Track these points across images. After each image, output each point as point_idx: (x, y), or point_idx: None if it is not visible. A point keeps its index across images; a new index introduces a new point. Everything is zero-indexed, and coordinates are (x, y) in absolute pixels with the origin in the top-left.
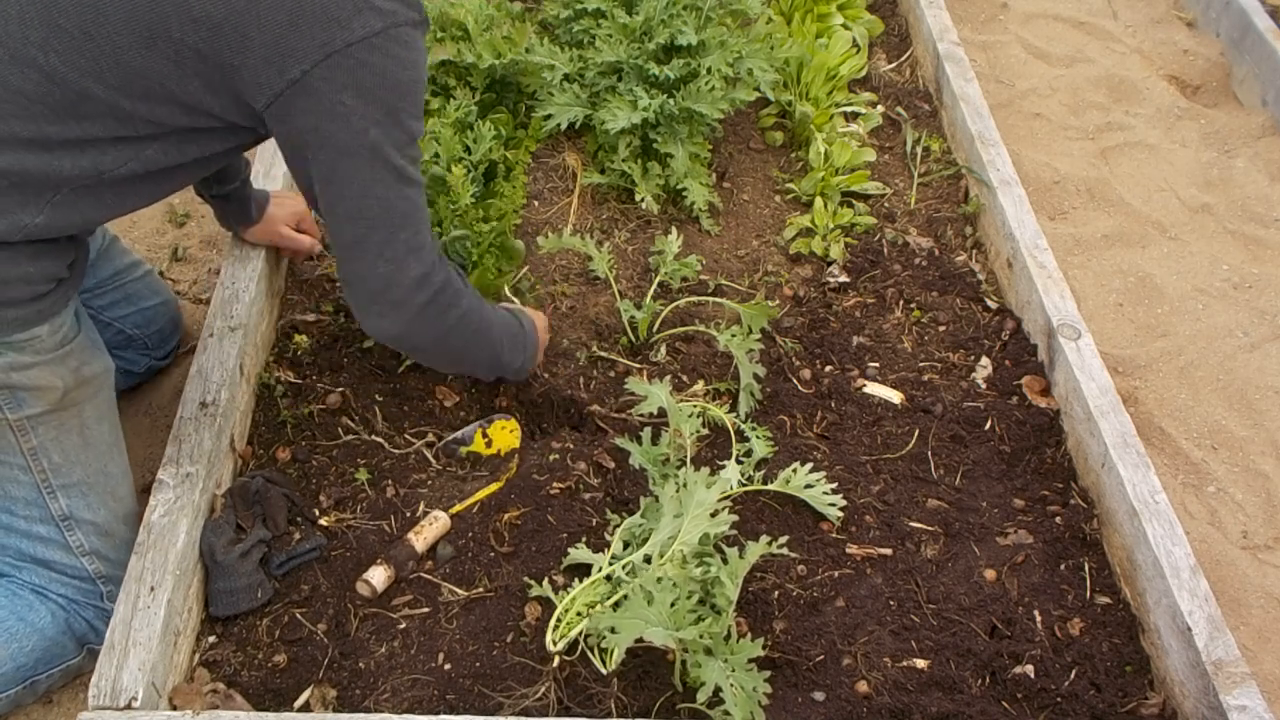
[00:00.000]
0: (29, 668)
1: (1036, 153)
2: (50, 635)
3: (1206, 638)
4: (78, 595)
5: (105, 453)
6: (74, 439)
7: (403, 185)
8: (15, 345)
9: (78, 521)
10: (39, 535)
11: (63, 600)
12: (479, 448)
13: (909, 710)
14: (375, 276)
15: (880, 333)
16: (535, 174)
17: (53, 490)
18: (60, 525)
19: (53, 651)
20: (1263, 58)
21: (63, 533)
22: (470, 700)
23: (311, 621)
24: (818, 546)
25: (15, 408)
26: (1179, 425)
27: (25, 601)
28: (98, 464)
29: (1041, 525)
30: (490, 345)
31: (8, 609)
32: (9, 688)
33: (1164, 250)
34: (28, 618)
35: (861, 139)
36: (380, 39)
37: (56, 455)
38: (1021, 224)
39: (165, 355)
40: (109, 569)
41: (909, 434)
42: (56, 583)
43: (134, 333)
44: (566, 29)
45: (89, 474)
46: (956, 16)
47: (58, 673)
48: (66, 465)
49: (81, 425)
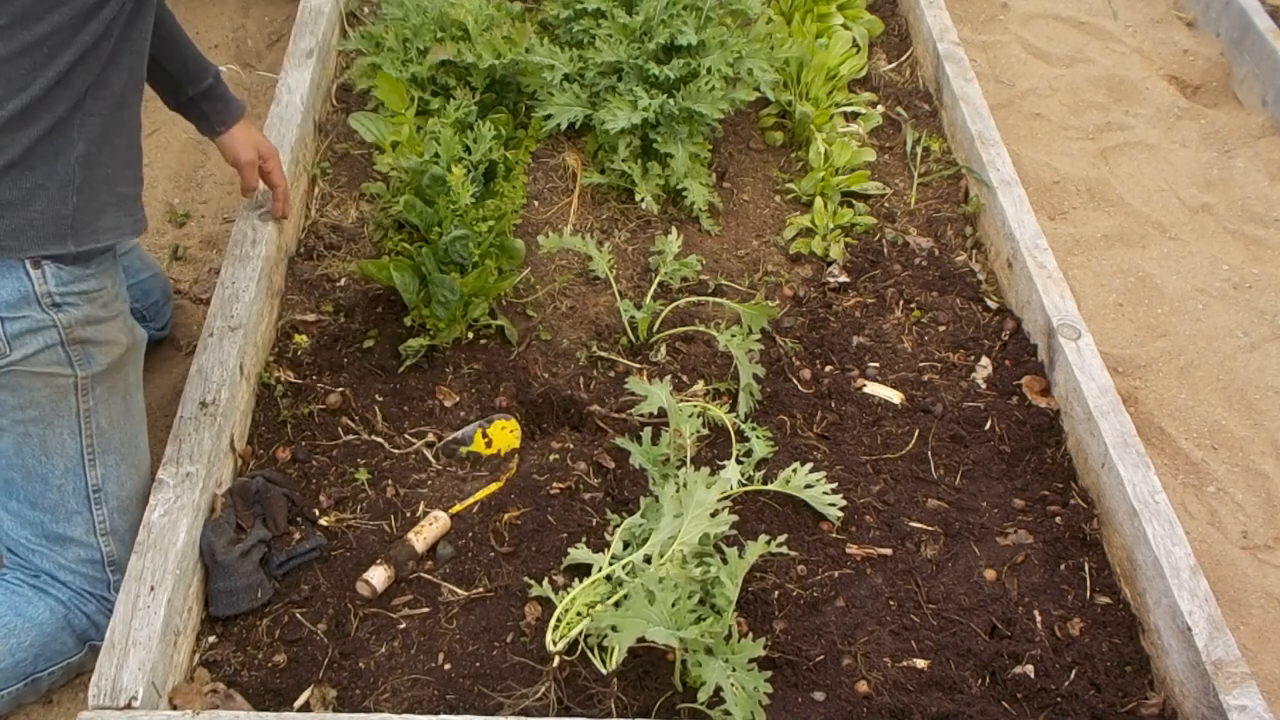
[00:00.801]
0: (28, 663)
1: (1036, 153)
2: (49, 630)
3: (1206, 638)
4: (84, 585)
5: (139, 423)
6: (119, 404)
7: None
8: (89, 296)
9: (106, 495)
10: (69, 508)
11: (65, 594)
12: (479, 448)
13: (909, 710)
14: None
15: (880, 333)
16: (535, 174)
17: (94, 456)
18: (91, 497)
19: (52, 647)
20: (1263, 58)
21: (90, 506)
22: (470, 700)
23: (311, 621)
24: (818, 546)
25: (86, 364)
26: (1179, 425)
27: (24, 597)
28: (132, 432)
29: (1041, 525)
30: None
31: (5, 604)
32: (9, 684)
33: (1164, 250)
34: (25, 612)
35: (861, 139)
36: None
37: (104, 419)
38: (1021, 224)
39: (163, 326)
40: (121, 554)
41: (909, 434)
42: (66, 570)
43: (134, 306)
44: (566, 29)
45: (124, 443)
46: (956, 16)
47: (59, 670)
48: (111, 430)
49: (126, 391)
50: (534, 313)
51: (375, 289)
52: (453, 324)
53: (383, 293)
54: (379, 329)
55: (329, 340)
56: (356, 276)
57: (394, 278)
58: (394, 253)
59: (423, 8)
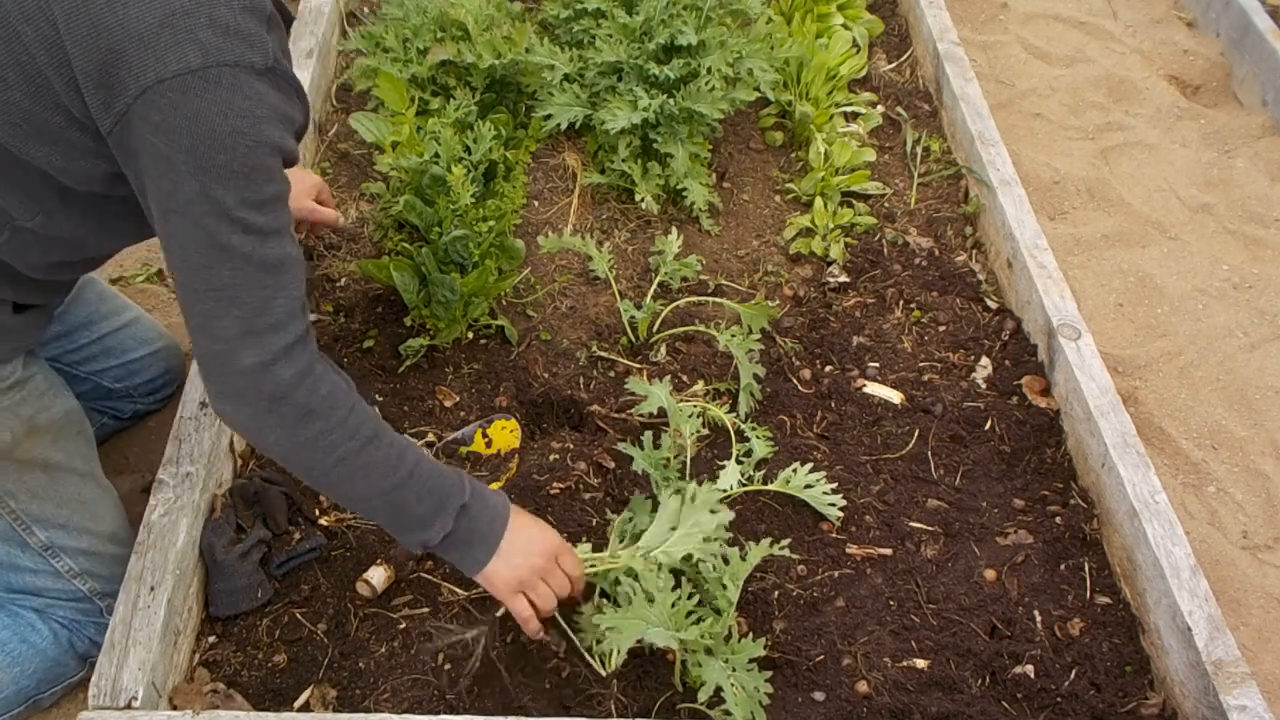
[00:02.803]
0: (31, 689)
1: (1036, 153)
2: (52, 656)
3: (1206, 638)
4: (78, 615)
5: (78, 483)
6: (38, 477)
7: (230, 256)
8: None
9: (61, 549)
10: (25, 567)
11: (64, 620)
12: (479, 448)
13: (909, 710)
14: (207, 355)
15: (880, 333)
16: (535, 174)
17: (27, 527)
18: (44, 555)
19: (55, 672)
20: (1263, 58)
21: (48, 561)
22: (470, 700)
23: (311, 621)
24: (818, 546)
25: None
26: (1179, 425)
27: (26, 622)
28: (71, 494)
29: (1041, 525)
30: (381, 486)
31: (10, 629)
32: (10, 709)
33: (1164, 250)
34: (30, 639)
35: (861, 139)
36: (196, 79)
37: (23, 495)
38: (1021, 224)
39: (159, 402)
40: (104, 585)
41: (909, 434)
42: (54, 607)
43: (115, 386)
44: (566, 29)
45: (62, 506)
46: (956, 16)
47: (60, 689)
48: (36, 502)
49: (45, 464)
50: (534, 313)
51: (375, 289)
52: (453, 324)
53: (383, 292)
54: (379, 329)
55: (329, 340)
56: (356, 276)
57: (394, 278)
58: (394, 253)
59: (423, 8)
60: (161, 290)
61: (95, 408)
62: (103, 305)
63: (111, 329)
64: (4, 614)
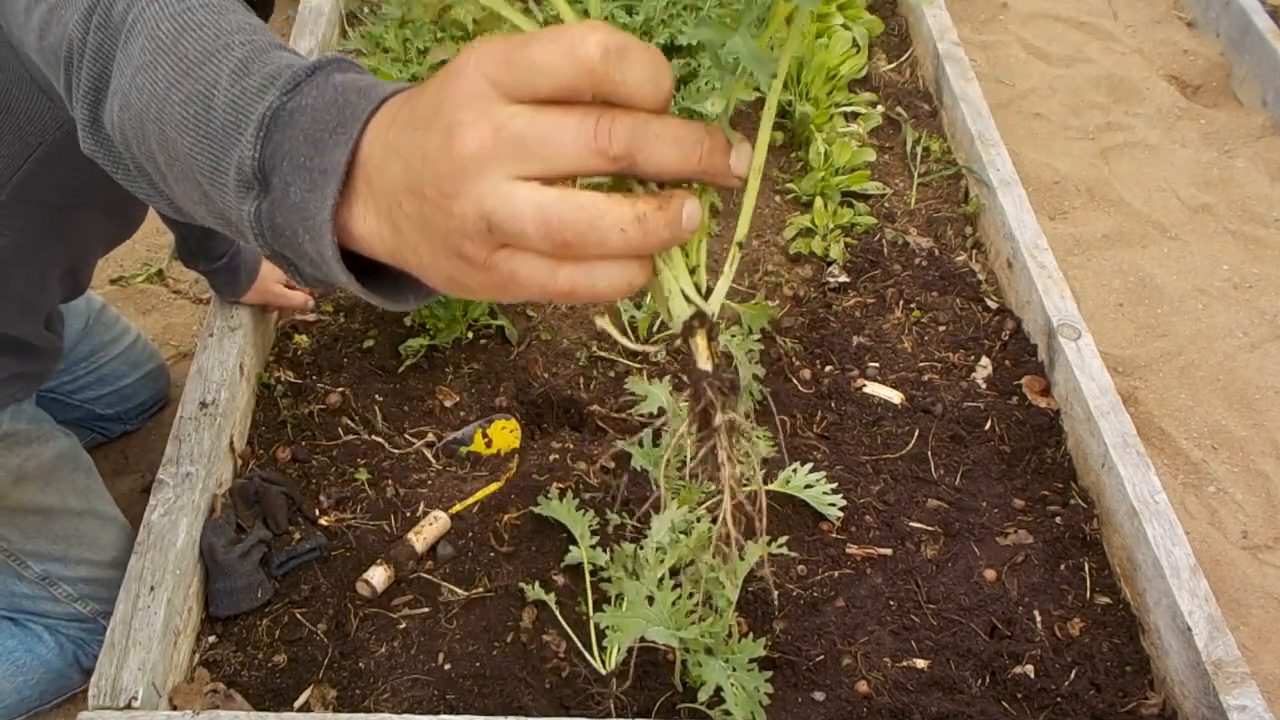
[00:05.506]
0: (34, 699)
1: (1036, 153)
2: (57, 668)
3: (1206, 638)
4: (81, 633)
5: (74, 520)
6: (31, 520)
7: None
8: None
9: (59, 578)
10: (23, 593)
11: (70, 635)
12: (479, 448)
13: (909, 710)
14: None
15: (880, 333)
16: None
17: (21, 561)
18: (40, 584)
19: (58, 683)
20: (1263, 58)
21: (46, 589)
22: (470, 700)
23: (311, 621)
24: (818, 546)
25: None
26: (1179, 425)
27: (33, 633)
28: (67, 530)
29: (1041, 525)
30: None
31: (17, 639)
32: (11, 717)
33: (1164, 250)
34: (36, 649)
35: (861, 139)
36: None
37: (15, 535)
38: (1021, 224)
39: (146, 420)
40: (107, 605)
41: (909, 434)
42: (59, 624)
43: (105, 412)
44: None
45: (58, 542)
46: (956, 16)
47: (63, 699)
48: (30, 540)
49: (37, 505)
50: (534, 313)
51: None
52: (453, 324)
53: None
54: (379, 329)
55: (329, 340)
56: None
57: None
58: None
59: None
60: (162, 290)
61: (84, 426)
62: (105, 334)
63: (109, 358)
64: (12, 625)
